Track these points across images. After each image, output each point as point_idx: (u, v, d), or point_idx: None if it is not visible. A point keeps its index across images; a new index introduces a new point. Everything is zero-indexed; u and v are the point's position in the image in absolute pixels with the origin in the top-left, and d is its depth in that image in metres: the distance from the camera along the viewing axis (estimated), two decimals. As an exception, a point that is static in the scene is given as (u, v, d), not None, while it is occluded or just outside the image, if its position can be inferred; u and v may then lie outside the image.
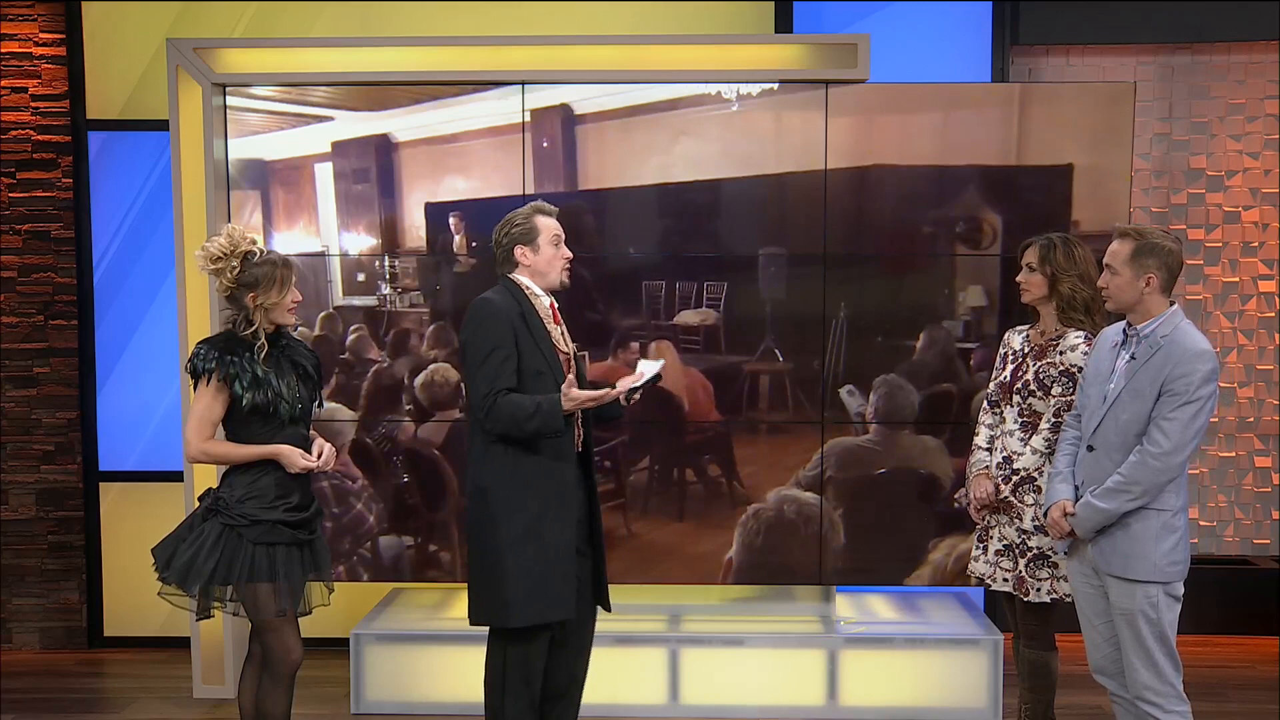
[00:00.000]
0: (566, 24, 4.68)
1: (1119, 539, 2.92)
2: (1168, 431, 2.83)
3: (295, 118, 4.22)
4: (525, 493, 3.05)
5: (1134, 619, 2.91)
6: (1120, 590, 2.93)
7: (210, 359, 2.97)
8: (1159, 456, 2.83)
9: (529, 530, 3.04)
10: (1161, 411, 2.84)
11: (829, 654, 4.09)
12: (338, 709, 4.18)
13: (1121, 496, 2.88)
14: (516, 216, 3.16)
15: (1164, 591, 2.90)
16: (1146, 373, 2.87)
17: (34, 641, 4.95)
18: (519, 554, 3.03)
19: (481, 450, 3.08)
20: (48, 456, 4.91)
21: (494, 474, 3.06)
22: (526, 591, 3.04)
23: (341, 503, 4.23)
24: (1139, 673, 2.93)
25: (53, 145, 4.82)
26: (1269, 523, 5.17)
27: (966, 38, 4.76)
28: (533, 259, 3.14)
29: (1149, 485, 2.85)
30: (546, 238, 3.14)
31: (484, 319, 3.05)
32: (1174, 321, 2.90)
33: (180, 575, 2.98)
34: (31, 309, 4.88)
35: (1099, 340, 3.11)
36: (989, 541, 3.38)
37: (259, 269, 3.02)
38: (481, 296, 3.10)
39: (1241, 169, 5.08)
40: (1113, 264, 2.93)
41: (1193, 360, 2.82)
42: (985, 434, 3.43)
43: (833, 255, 4.12)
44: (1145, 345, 2.90)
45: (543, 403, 2.99)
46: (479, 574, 3.09)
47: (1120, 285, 2.92)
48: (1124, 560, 2.92)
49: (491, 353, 3.02)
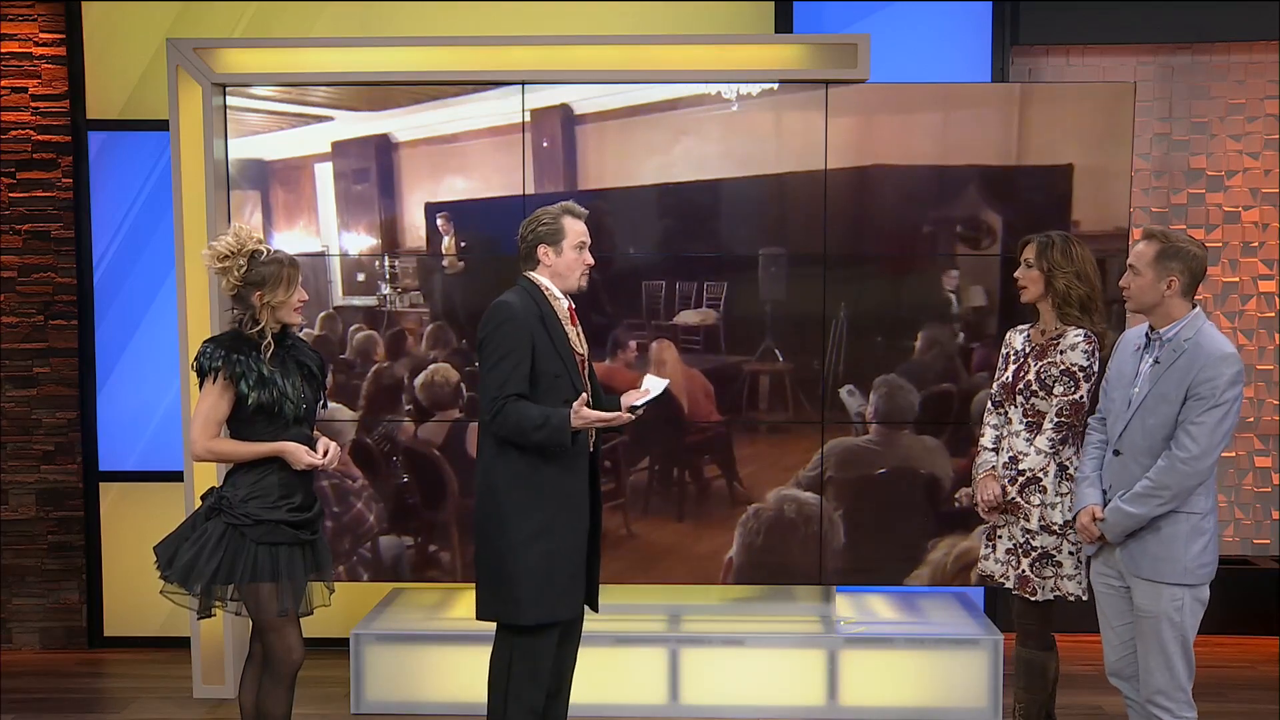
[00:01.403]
0: (566, 24, 4.68)
1: (1149, 542, 2.93)
2: (1195, 435, 2.84)
3: (295, 118, 4.22)
4: (538, 493, 3.05)
5: (1158, 621, 2.92)
6: (1147, 592, 2.94)
7: (216, 357, 2.97)
8: (1187, 461, 2.84)
9: (541, 529, 3.04)
10: (1189, 415, 2.85)
11: (829, 654, 4.09)
12: (338, 709, 4.18)
13: (1151, 501, 2.89)
14: (545, 215, 3.13)
15: (1191, 595, 2.91)
16: (1172, 376, 2.88)
17: (34, 641, 4.95)
18: (530, 552, 3.03)
19: (494, 449, 3.07)
20: (48, 456, 4.91)
21: (507, 473, 3.05)
22: (537, 589, 3.04)
23: (342, 502, 4.23)
24: (1154, 675, 2.94)
25: (53, 145, 4.82)
26: (1269, 523, 5.17)
27: (966, 38, 4.76)
28: (554, 260, 3.12)
29: (1178, 489, 2.86)
30: (571, 241, 3.12)
31: (502, 322, 3.03)
32: (1196, 325, 2.91)
33: (182, 574, 2.98)
34: (31, 309, 4.88)
35: (1121, 343, 3.11)
36: (998, 541, 3.39)
37: (266, 267, 3.02)
38: (502, 299, 3.07)
39: (1241, 169, 5.08)
40: (1137, 264, 2.94)
41: (1219, 364, 2.83)
42: (991, 434, 3.43)
43: (833, 255, 4.12)
44: (1169, 349, 2.91)
45: (551, 416, 2.97)
46: (488, 571, 3.09)
47: (1142, 286, 2.93)
48: (1154, 563, 2.92)
49: (505, 357, 3.00)
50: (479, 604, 3.14)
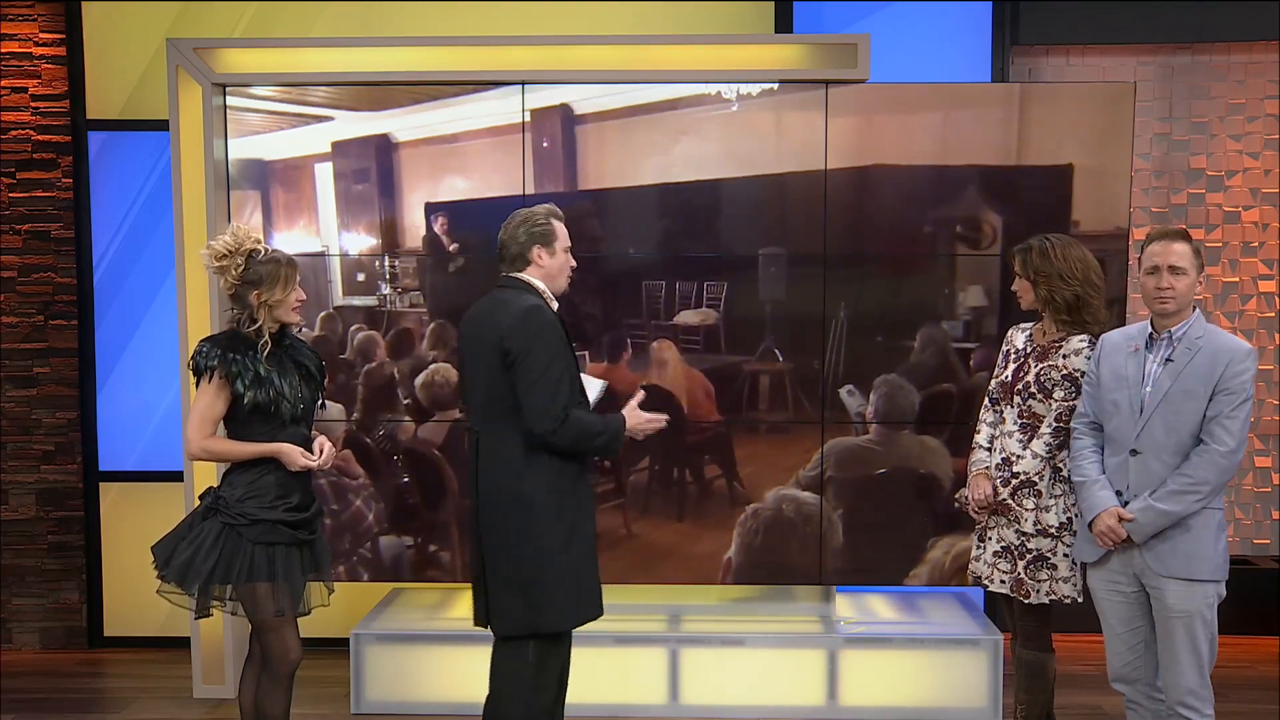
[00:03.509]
0: (566, 24, 4.68)
1: (1179, 540, 2.92)
2: (1231, 429, 2.86)
3: (295, 118, 4.22)
4: (569, 499, 3.01)
5: (1192, 621, 2.91)
6: (1181, 592, 2.92)
7: (212, 356, 2.97)
8: (1225, 455, 2.86)
9: (571, 534, 3.01)
10: (1222, 410, 2.87)
11: (829, 654, 4.09)
12: (338, 709, 4.18)
13: (1189, 497, 2.89)
14: (535, 216, 3.09)
15: (1217, 590, 2.94)
16: (1195, 372, 2.89)
17: (34, 641, 4.95)
18: (565, 558, 2.99)
19: (524, 458, 2.98)
20: (48, 456, 4.91)
21: (539, 482, 2.98)
22: (572, 594, 3.01)
23: (340, 500, 4.23)
24: (1186, 676, 2.93)
25: (53, 145, 4.82)
26: (1269, 523, 5.17)
27: (966, 38, 4.76)
28: (548, 262, 3.09)
29: (1216, 483, 2.89)
30: (562, 243, 3.11)
31: (542, 328, 2.95)
32: (1202, 323, 2.95)
33: (179, 574, 2.98)
34: (31, 309, 4.88)
35: (1109, 346, 3.08)
36: (987, 542, 3.37)
37: (264, 266, 3.02)
38: (530, 304, 2.98)
39: (1241, 169, 5.08)
40: (1181, 264, 2.92)
41: (1244, 359, 2.88)
42: (986, 433, 3.41)
43: (833, 255, 4.12)
44: (1182, 347, 2.92)
45: (611, 422, 3.00)
46: (518, 582, 2.99)
47: (1188, 285, 2.94)
48: (1186, 561, 2.92)
49: (550, 364, 2.93)
50: (504, 619, 3.02)
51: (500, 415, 3.00)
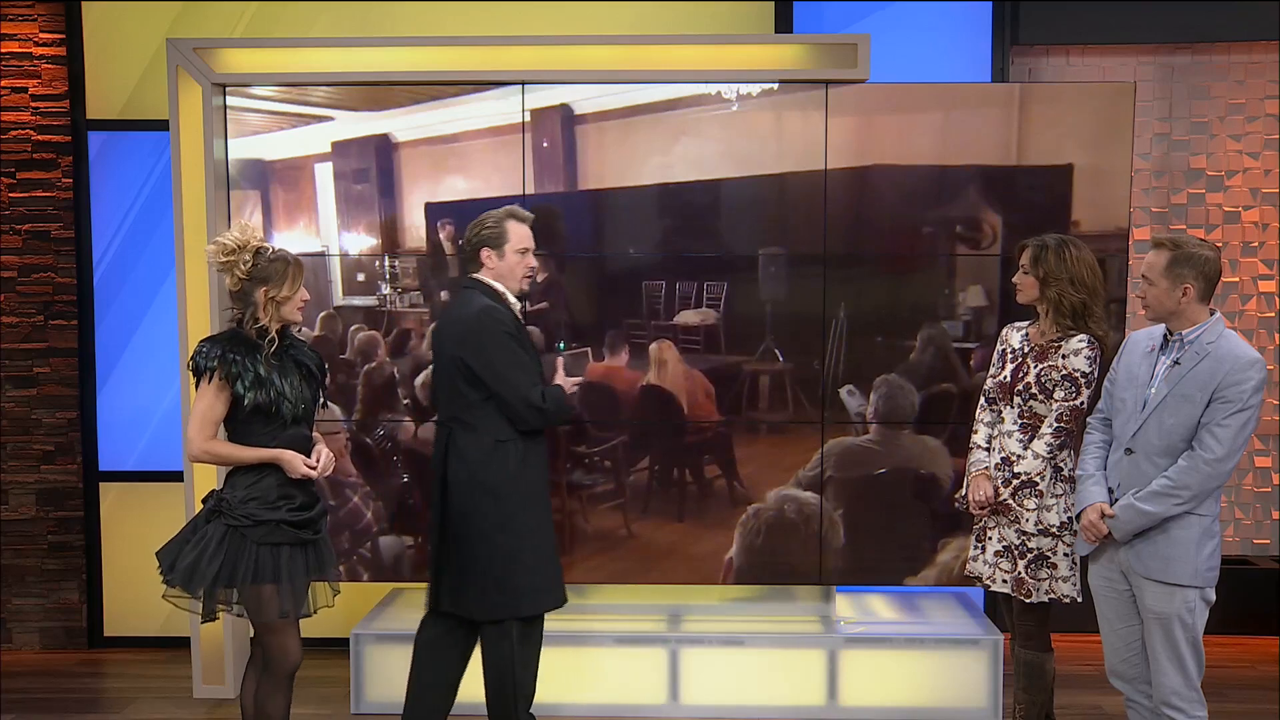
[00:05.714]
0: (566, 24, 4.68)
1: (1159, 543, 2.93)
2: (1220, 438, 2.84)
3: (295, 118, 4.22)
4: (535, 486, 3.23)
5: (1169, 623, 2.92)
6: (1158, 594, 2.93)
7: (212, 357, 2.97)
8: (1211, 462, 2.85)
9: (539, 520, 3.22)
10: (1214, 418, 2.85)
11: (829, 654, 4.09)
12: (338, 709, 4.18)
13: (1169, 500, 2.89)
14: (489, 218, 3.28)
15: (1200, 596, 2.92)
16: (1195, 378, 2.88)
17: (34, 641, 4.95)
18: (534, 542, 3.18)
19: (488, 450, 3.18)
20: (48, 456, 4.91)
21: (504, 472, 3.18)
22: (545, 578, 3.21)
23: (338, 496, 4.23)
24: (1169, 677, 2.94)
25: (53, 145, 4.82)
26: (1269, 523, 5.17)
27: (966, 38, 4.76)
28: (496, 263, 3.27)
29: (1198, 490, 2.87)
30: (514, 244, 3.26)
31: (489, 327, 3.18)
32: (1218, 329, 2.92)
33: (184, 578, 2.97)
34: (31, 309, 4.88)
35: (1129, 344, 3.11)
36: (987, 542, 3.37)
37: (271, 264, 3.03)
38: (482, 306, 3.20)
39: (1241, 169, 5.08)
40: (1149, 275, 2.93)
41: (1246, 369, 2.84)
42: (984, 433, 3.41)
43: (833, 255, 4.12)
44: (1190, 351, 2.91)
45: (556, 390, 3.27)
46: (490, 570, 3.18)
47: (1158, 296, 2.93)
48: (1164, 564, 2.92)
49: (510, 358, 3.18)
50: (478, 605, 3.20)
51: (463, 409, 3.21)
